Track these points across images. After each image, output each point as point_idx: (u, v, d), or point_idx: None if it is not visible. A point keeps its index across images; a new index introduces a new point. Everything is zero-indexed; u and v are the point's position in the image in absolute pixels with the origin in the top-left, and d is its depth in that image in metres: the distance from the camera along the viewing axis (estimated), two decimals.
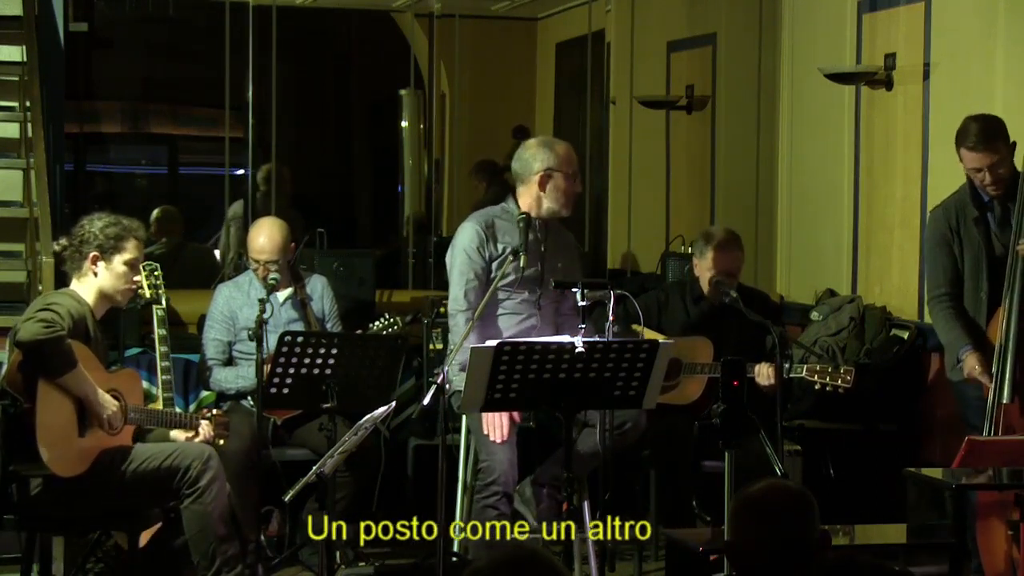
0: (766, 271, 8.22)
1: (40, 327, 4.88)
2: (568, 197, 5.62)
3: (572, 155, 5.67)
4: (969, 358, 5.59)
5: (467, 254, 5.59)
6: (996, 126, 5.68)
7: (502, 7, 11.24)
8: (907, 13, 7.02)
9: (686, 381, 6.10)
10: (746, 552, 3.26)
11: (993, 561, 5.16)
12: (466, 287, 5.57)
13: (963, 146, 5.66)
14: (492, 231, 5.62)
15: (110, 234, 5.22)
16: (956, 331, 5.70)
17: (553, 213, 5.63)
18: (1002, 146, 5.64)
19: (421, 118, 11.14)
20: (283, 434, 6.12)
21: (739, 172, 8.44)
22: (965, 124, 5.70)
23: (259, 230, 6.24)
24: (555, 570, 2.71)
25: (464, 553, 5.62)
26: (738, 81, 8.46)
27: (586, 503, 5.62)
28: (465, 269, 5.58)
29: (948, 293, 5.76)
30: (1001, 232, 5.70)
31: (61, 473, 4.96)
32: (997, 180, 5.64)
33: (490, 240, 5.61)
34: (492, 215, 5.69)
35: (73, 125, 11.20)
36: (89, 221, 5.27)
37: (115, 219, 5.28)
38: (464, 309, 5.55)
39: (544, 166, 5.60)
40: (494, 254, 5.61)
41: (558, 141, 5.76)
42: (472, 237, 5.60)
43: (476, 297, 5.54)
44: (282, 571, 5.97)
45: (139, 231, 5.31)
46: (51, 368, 4.93)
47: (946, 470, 5.11)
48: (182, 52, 12.72)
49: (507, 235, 5.62)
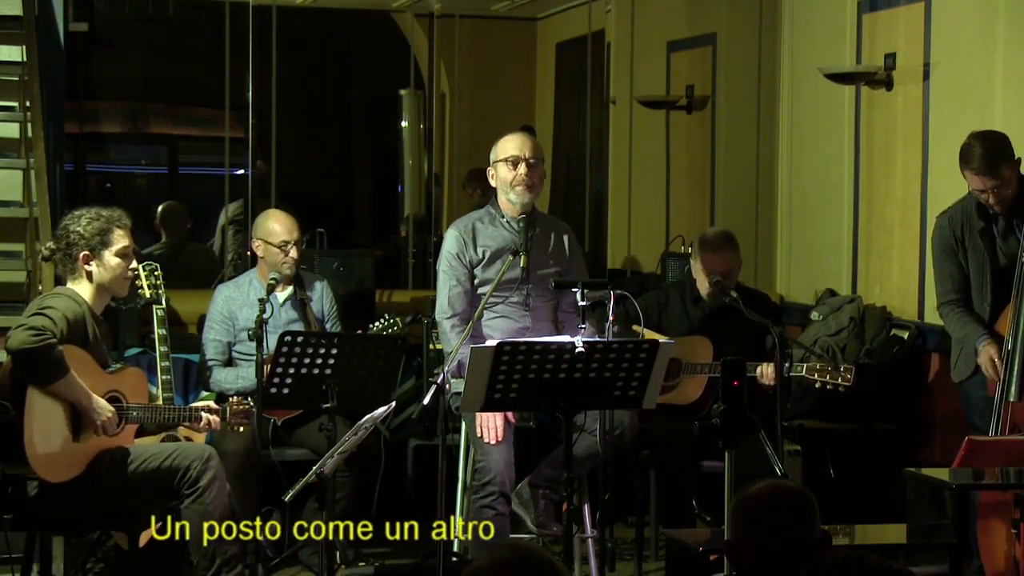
0: (766, 271, 8.22)
1: (29, 335, 4.86)
2: (513, 184, 5.58)
3: (516, 142, 5.62)
4: (987, 347, 5.61)
5: (448, 261, 5.64)
6: (1000, 148, 5.64)
7: (502, 7, 11.24)
8: (907, 13, 7.02)
9: (686, 381, 6.09)
10: (746, 552, 3.25)
11: (994, 561, 5.16)
12: (450, 294, 5.61)
13: (967, 168, 5.65)
14: (472, 235, 5.64)
15: (95, 230, 5.17)
16: (970, 325, 5.71)
17: (516, 204, 5.60)
18: (1005, 169, 5.61)
19: (421, 118, 11.15)
20: (283, 434, 6.12)
21: (739, 172, 8.44)
22: (969, 144, 5.66)
23: (268, 218, 6.30)
24: (555, 570, 2.71)
25: (464, 553, 5.62)
26: (738, 81, 8.46)
27: (586, 504, 5.63)
28: (448, 276, 5.63)
29: (957, 299, 5.77)
30: (1005, 243, 5.70)
31: (51, 479, 4.95)
32: (1001, 200, 5.65)
33: (469, 245, 5.63)
34: (474, 219, 5.70)
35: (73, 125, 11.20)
36: (72, 220, 5.22)
37: (96, 213, 5.22)
38: (449, 316, 5.59)
39: (491, 160, 5.67)
40: (474, 259, 5.63)
41: (509, 134, 5.72)
42: (452, 244, 5.65)
43: (461, 303, 5.59)
44: (282, 571, 5.96)
45: (122, 219, 5.25)
46: (40, 376, 4.91)
47: (946, 470, 5.10)
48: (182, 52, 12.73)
49: (488, 238, 5.64)
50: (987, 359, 5.60)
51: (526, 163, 5.58)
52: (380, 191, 12.93)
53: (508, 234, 5.63)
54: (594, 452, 5.48)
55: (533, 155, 5.61)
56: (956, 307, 5.77)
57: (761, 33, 8.29)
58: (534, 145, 5.66)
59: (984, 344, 5.62)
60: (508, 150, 5.62)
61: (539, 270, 5.62)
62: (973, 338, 5.68)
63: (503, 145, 5.65)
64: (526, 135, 5.76)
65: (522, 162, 5.58)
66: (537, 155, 5.64)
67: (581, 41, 9.94)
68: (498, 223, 5.66)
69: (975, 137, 5.67)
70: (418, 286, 8.21)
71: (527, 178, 5.57)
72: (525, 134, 5.79)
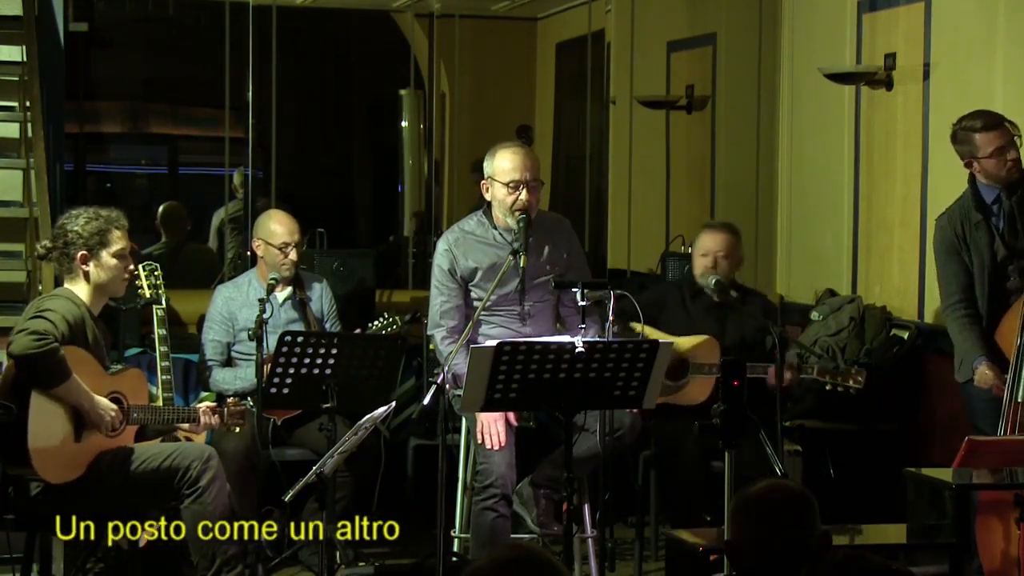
0: (766, 271, 8.22)
1: (31, 340, 4.85)
2: (512, 209, 5.48)
3: (516, 162, 5.47)
4: (983, 373, 5.57)
5: (438, 277, 5.62)
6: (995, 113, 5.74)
7: (502, 7, 11.24)
8: (907, 13, 7.01)
9: (694, 382, 6.07)
10: (746, 552, 3.26)
11: (993, 561, 5.16)
12: (441, 308, 5.60)
13: (976, 131, 5.64)
14: (463, 250, 5.60)
15: (92, 230, 5.16)
16: (970, 341, 5.67)
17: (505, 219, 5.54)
18: (1008, 125, 5.66)
19: (421, 118, 11.15)
20: (283, 434, 6.12)
21: (739, 172, 8.44)
22: (968, 116, 5.71)
23: (269, 219, 6.30)
24: (555, 570, 2.71)
25: (464, 553, 5.62)
26: (738, 81, 8.46)
27: (586, 504, 5.63)
28: (439, 291, 5.61)
29: (961, 300, 5.74)
30: (1008, 231, 5.69)
31: (53, 480, 4.96)
32: (1012, 163, 5.65)
33: (460, 260, 5.59)
34: (466, 230, 5.64)
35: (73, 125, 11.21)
36: (69, 220, 5.20)
37: (94, 213, 5.21)
38: (440, 328, 5.59)
39: (486, 173, 5.58)
40: (466, 274, 5.60)
41: (507, 148, 5.56)
42: (443, 259, 5.61)
43: (452, 316, 5.57)
44: (282, 571, 5.96)
45: (120, 220, 5.23)
46: (43, 381, 4.91)
47: (946, 470, 5.10)
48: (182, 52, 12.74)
49: (481, 254, 5.59)
50: (985, 381, 5.58)
51: (527, 187, 5.48)
52: (380, 191, 12.94)
53: (501, 251, 5.56)
54: (596, 452, 5.48)
55: (533, 177, 5.49)
56: (960, 313, 5.72)
57: (761, 33, 8.28)
58: (533, 164, 5.52)
59: (980, 367, 5.59)
60: (508, 172, 5.48)
61: (535, 279, 5.57)
62: (972, 356, 5.66)
63: (500, 164, 5.50)
64: (525, 151, 5.59)
65: (522, 186, 5.48)
66: (536, 174, 5.52)
67: (581, 41, 9.95)
68: (492, 238, 5.61)
69: (969, 113, 5.73)
70: (418, 286, 8.20)
71: (526, 203, 5.49)
72: (524, 150, 5.60)
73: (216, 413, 5.32)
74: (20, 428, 4.88)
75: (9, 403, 4.93)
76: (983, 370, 5.57)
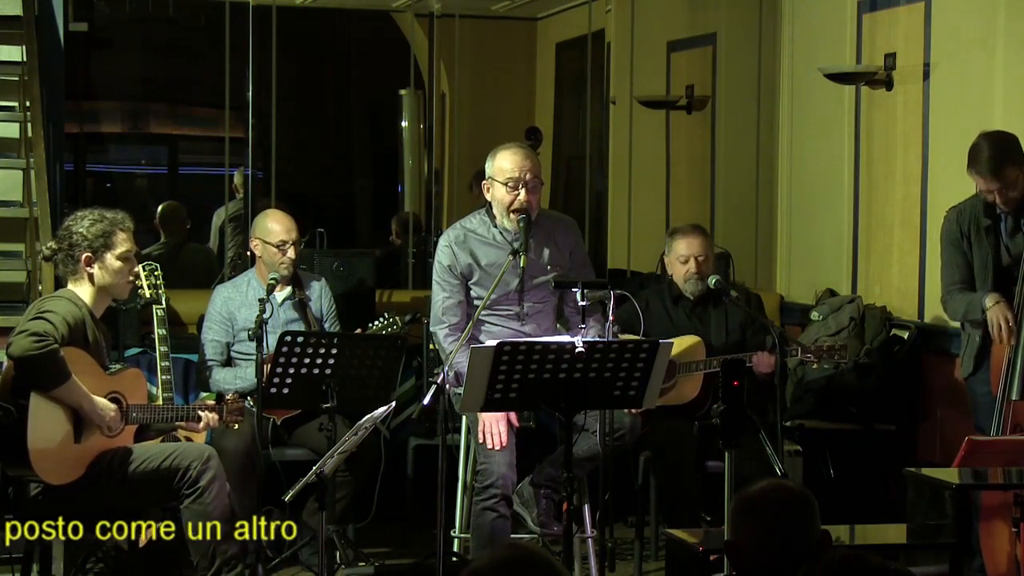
0: (766, 271, 8.22)
1: (31, 342, 4.85)
2: (511, 209, 5.48)
3: (515, 162, 5.48)
4: (995, 306, 5.56)
5: (440, 273, 5.62)
6: (1007, 150, 5.62)
7: (502, 7, 11.24)
8: (907, 13, 7.02)
9: (682, 381, 6.09)
10: (746, 552, 3.26)
11: (996, 562, 5.16)
12: (443, 305, 5.60)
13: (972, 168, 5.64)
14: (465, 247, 5.60)
15: (98, 232, 5.15)
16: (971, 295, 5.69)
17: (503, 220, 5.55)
18: (1011, 171, 5.59)
19: (421, 118, 11.15)
20: (283, 434, 6.12)
21: (739, 172, 8.44)
22: (977, 144, 5.65)
23: (267, 218, 6.30)
24: (555, 570, 2.71)
25: (464, 553, 5.62)
26: (738, 81, 8.46)
27: (586, 504, 5.63)
28: (440, 288, 5.61)
29: (962, 285, 5.76)
30: (1011, 241, 5.70)
31: (53, 482, 4.96)
32: (1007, 201, 5.65)
33: (460, 257, 5.59)
34: (468, 229, 5.63)
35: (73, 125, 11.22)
36: (75, 221, 5.19)
37: (99, 215, 5.20)
38: (442, 326, 5.59)
39: (487, 174, 5.58)
40: (467, 273, 5.60)
41: (507, 149, 5.56)
42: (444, 256, 5.61)
43: (454, 313, 5.57)
44: (282, 571, 5.96)
45: (125, 222, 5.23)
46: (43, 383, 4.90)
47: (947, 470, 5.10)
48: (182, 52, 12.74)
49: (482, 255, 5.59)
50: (996, 312, 5.55)
51: (525, 187, 5.48)
52: (380, 191, 12.94)
53: (502, 251, 5.55)
54: (596, 453, 5.49)
55: (532, 177, 5.48)
56: (958, 288, 5.75)
57: (761, 33, 8.28)
58: (533, 164, 5.52)
59: (989, 297, 5.59)
60: (507, 171, 5.48)
61: (534, 279, 5.58)
62: (978, 301, 5.64)
63: (501, 164, 5.51)
64: (525, 152, 5.58)
65: (521, 186, 5.49)
66: (536, 173, 5.51)
67: (581, 41, 9.94)
68: (492, 236, 5.60)
69: (984, 137, 5.66)
70: (418, 286, 8.20)
71: (526, 203, 5.49)
72: (524, 150, 5.59)
73: (215, 411, 5.32)
74: (20, 429, 4.88)
75: (9, 404, 4.93)
76: (991, 304, 5.55)
